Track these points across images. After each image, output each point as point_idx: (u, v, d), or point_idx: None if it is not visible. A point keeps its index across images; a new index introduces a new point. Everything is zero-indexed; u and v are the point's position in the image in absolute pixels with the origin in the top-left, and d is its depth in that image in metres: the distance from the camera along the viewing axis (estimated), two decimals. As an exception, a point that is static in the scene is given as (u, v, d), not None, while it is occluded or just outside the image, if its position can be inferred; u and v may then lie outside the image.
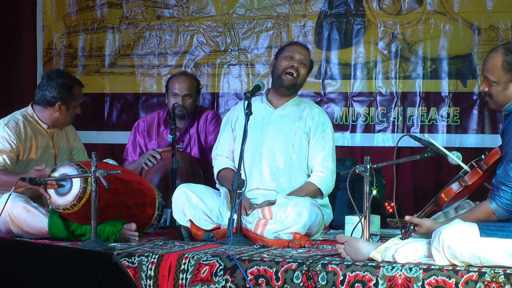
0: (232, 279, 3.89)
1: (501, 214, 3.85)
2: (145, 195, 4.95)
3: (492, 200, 3.86)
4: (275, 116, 5.04)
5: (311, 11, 6.81)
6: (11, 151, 4.91)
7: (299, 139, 4.98)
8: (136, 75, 7.22)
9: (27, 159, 5.00)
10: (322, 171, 4.97)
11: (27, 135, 5.00)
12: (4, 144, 4.90)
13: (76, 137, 5.39)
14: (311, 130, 5.02)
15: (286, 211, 4.62)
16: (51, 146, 5.15)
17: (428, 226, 3.99)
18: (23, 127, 5.00)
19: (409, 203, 6.41)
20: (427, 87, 6.60)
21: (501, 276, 3.54)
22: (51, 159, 5.11)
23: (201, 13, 7.06)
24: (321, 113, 5.12)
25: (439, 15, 6.56)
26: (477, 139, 6.49)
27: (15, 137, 4.93)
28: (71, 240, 4.67)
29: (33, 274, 2.79)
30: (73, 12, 7.32)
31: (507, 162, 3.85)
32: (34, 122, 5.08)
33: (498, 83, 3.96)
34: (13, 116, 5.05)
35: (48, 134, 5.13)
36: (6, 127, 4.95)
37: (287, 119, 5.03)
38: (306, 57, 5.07)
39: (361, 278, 3.71)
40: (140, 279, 4.01)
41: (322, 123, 5.05)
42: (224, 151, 5.14)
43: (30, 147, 5.01)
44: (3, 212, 4.66)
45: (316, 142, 5.01)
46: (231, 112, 5.26)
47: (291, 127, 5.00)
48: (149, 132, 6.01)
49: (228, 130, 5.16)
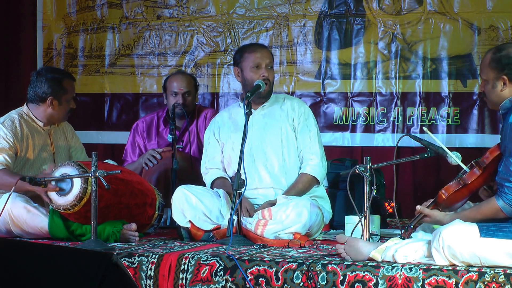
0: (232, 279, 3.89)
1: (508, 211, 3.83)
2: (146, 196, 4.95)
3: (499, 197, 3.85)
4: (256, 116, 5.02)
5: (311, 11, 6.81)
6: (9, 148, 4.91)
7: (286, 133, 4.99)
8: (136, 75, 7.22)
9: (24, 157, 5.00)
10: (311, 159, 4.97)
11: (23, 133, 5.00)
12: (2, 142, 4.91)
13: (74, 134, 5.38)
14: (294, 121, 5.01)
15: (286, 211, 4.62)
16: (49, 144, 5.15)
17: (438, 217, 3.97)
18: (19, 126, 5.00)
19: (409, 203, 6.40)
20: (427, 87, 6.60)
21: (501, 276, 3.54)
22: (49, 157, 5.11)
23: (201, 13, 7.06)
24: (300, 104, 5.12)
25: (439, 15, 6.56)
26: (477, 139, 6.49)
27: (12, 135, 4.94)
28: (71, 240, 4.67)
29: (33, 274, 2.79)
30: (73, 12, 7.33)
31: (507, 157, 3.85)
32: (30, 120, 5.08)
33: (488, 81, 3.98)
34: (9, 115, 5.06)
35: (45, 132, 5.13)
36: (2, 125, 4.96)
37: (269, 117, 5.03)
38: (270, 57, 5.02)
39: (361, 278, 3.71)
40: (140, 279, 4.01)
41: (303, 112, 5.05)
42: (214, 164, 5.11)
43: (27, 145, 5.01)
44: (3, 212, 4.66)
45: (301, 131, 5.01)
46: (211, 124, 5.24)
47: (276, 124, 5.00)
48: (149, 133, 6.01)
49: (213, 142, 5.14)
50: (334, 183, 5.50)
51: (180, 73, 6.03)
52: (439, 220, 3.96)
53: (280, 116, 5.02)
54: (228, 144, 5.03)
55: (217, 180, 5.05)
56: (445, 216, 3.97)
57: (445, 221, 3.88)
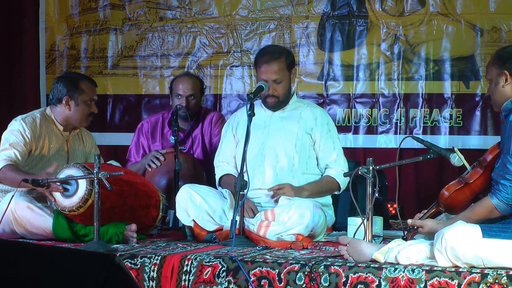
0: (235, 280, 3.89)
1: (503, 209, 3.84)
2: (150, 197, 4.96)
3: (493, 195, 3.86)
4: (275, 117, 5.05)
5: (314, 12, 6.82)
6: (24, 144, 4.94)
7: (301, 140, 4.98)
8: (138, 77, 7.22)
9: (39, 155, 5.02)
10: (337, 169, 4.98)
11: (42, 132, 5.04)
12: (18, 137, 4.94)
13: (94, 146, 5.39)
14: (315, 131, 5.01)
15: (289, 213, 4.62)
16: (65, 149, 5.17)
17: (431, 226, 3.99)
18: (39, 124, 5.05)
19: (411, 205, 6.41)
20: (430, 88, 6.60)
21: (504, 278, 3.54)
22: (63, 162, 5.11)
23: (204, 14, 7.07)
24: (323, 114, 5.11)
25: (442, 16, 6.56)
26: (480, 141, 6.48)
27: (30, 132, 4.97)
28: (74, 241, 4.68)
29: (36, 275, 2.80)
30: (75, 14, 7.33)
31: (505, 155, 3.85)
32: (51, 122, 5.12)
33: (492, 80, 4.01)
34: (32, 113, 5.13)
35: (63, 137, 5.15)
36: (23, 121, 5.01)
37: (288, 120, 5.03)
38: (279, 70, 4.93)
39: (364, 280, 3.71)
40: (143, 281, 4.02)
41: (327, 123, 5.05)
42: (226, 158, 5.14)
43: (43, 145, 5.04)
44: (7, 212, 4.67)
45: (326, 143, 5.00)
46: (232, 118, 5.27)
47: (292, 128, 5.00)
48: (153, 134, 6.01)
49: (230, 136, 5.16)
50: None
51: (187, 76, 6.03)
52: (433, 228, 3.95)
53: (298, 122, 5.01)
54: (242, 142, 5.02)
55: (224, 176, 5.08)
56: (438, 224, 3.97)
57: (438, 229, 3.87)
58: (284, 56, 4.98)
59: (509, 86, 3.96)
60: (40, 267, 2.81)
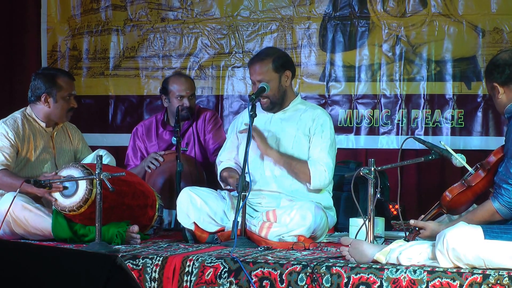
0: (237, 281, 3.89)
1: (504, 213, 3.85)
2: (147, 197, 4.97)
3: (495, 199, 3.86)
4: (275, 119, 5.04)
5: (316, 13, 6.81)
6: (10, 146, 4.93)
7: (298, 141, 4.96)
8: (140, 78, 7.22)
9: (25, 157, 5.02)
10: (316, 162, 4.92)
11: (25, 132, 5.03)
12: (3, 140, 4.94)
13: (81, 138, 5.39)
14: (311, 131, 4.98)
15: (290, 214, 4.63)
16: (51, 146, 5.16)
17: (432, 229, 4.00)
18: (21, 125, 5.03)
19: (413, 205, 6.40)
20: (432, 89, 6.59)
21: (506, 278, 3.54)
22: (51, 159, 5.12)
23: (206, 15, 7.06)
24: (322, 114, 5.05)
25: (444, 17, 6.55)
26: (482, 142, 6.48)
27: (13, 133, 4.97)
28: (73, 240, 4.68)
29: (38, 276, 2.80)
30: (77, 15, 7.33)
31: (508, 159, 3.86)
32: (33, 120, 5.11)
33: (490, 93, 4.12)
34: (12, 115, 5.12)
35: (47, 134, 5.15)
36: (4, 124, 5.01)
37: (287, 122, 5.02)
38: (262, 72, 4.93)
39: (366, 280, 3.71)
40: (145, 281, 4.02)
41: (321, 123, 4.98)
42: (227, 157, 5.14)
43: (28, 145, 5.03)
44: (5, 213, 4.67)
45: (314, 139, 4.95)
46: (236, 119, 5.28)
47: (290, 130, 4.98)
48: (148, 135, 6.01)
49: (233, 138, 5.17)
50: (339, 186, 5.49)
51: (183, 76, 6.03)
52: (435, 231, 3.95)
53: (296, 124, 5.00)
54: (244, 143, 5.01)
55: (223, 170, 5.06)
56: (440, 227, 3.98)
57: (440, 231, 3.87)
58: (271, 58, 4.96)
59: (504, 95, 4.01)
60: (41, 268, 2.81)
